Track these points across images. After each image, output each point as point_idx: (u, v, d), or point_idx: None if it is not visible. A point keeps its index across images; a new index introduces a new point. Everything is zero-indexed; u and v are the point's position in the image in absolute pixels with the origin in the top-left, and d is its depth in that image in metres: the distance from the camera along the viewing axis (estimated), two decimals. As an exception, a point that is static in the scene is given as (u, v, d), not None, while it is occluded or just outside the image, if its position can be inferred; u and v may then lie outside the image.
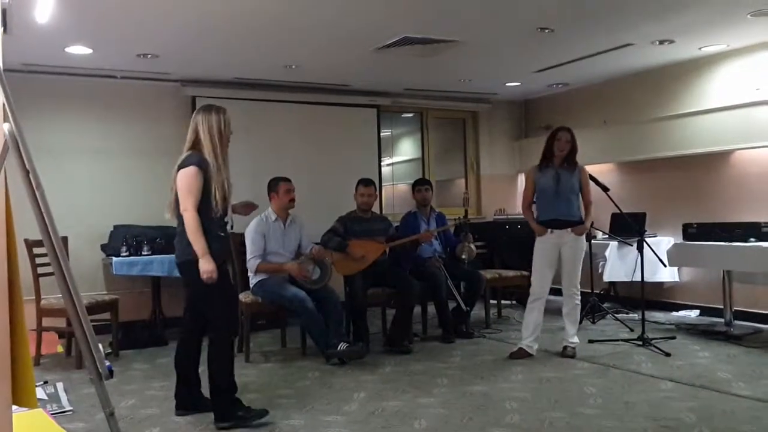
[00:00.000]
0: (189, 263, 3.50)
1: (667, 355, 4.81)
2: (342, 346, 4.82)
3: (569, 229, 4.81)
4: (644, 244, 5.23)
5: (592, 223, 5.52)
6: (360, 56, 5.79)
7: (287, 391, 4.19)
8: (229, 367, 3.60)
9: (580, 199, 4.92)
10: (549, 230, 4.85)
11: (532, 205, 5.04)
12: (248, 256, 5.12)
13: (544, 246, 4.87)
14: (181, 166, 3.51)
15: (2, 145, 2.08)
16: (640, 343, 5.10)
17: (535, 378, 4.34)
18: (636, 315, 6.05)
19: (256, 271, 5.05)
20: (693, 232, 5.69)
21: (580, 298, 4.95)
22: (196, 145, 3.55)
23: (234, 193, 3.67)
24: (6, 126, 2.05)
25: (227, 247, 3.84)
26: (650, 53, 6.03)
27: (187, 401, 3.77)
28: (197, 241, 3.42)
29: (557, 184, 4.83)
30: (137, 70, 6.14)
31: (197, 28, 4.87)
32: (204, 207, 3.47)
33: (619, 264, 6.35)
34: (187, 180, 3.46)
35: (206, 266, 3.41)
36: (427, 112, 8.18)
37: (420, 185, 6.09)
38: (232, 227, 3.70)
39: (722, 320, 5.79)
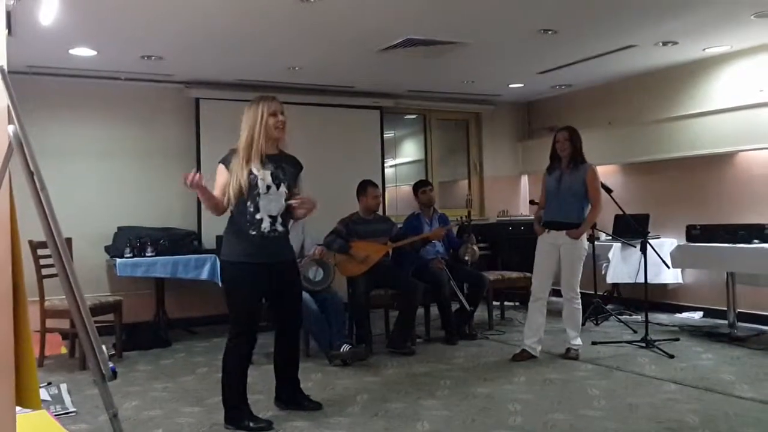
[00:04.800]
0: (222, 262, 3.60)
1: (671, 357, 4.80)
2: (345, 347, 4.82)
3: (564, 232, 4.80)
4: (647, 245, 5.22)
5: (594, 225, 5.51)
6: (363, 58, 5.80)
7: (290, 393, 4.19)
8: (237, 368, 3.57)
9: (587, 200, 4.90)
10: (546, 230, 4.85)
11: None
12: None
13: (543, 246, 4.88)
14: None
15: (7, 147, 2.09)
16: (644, 344, 5.09)
17: (539, 380, 4.34)
18: (639, 317, 6.04)
19: None
20: (696, 233, 5.68)
21: (579, 301, 4.91)
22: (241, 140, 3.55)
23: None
24: (11, 128, 2.06)
25: (264, 247, 3.52)
26: (654, 55, 6.02)
27: (284, 396, 3.82)
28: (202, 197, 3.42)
29: (558, 186, 4.83)
30: (141, 72, 6.15)
31: (201, 30, 4.88)
32: (234, 204, 3.49)
33: (622, 265, 6.34)
34: (216, 176, 3.52)
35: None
36: (430, 113, 8.19)
37: (423, 186, 6.09)
38: (272, 224, 3.53)
39: (726, 322, 5.77)
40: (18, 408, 2.22)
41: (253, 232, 3.51)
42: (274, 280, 3.58)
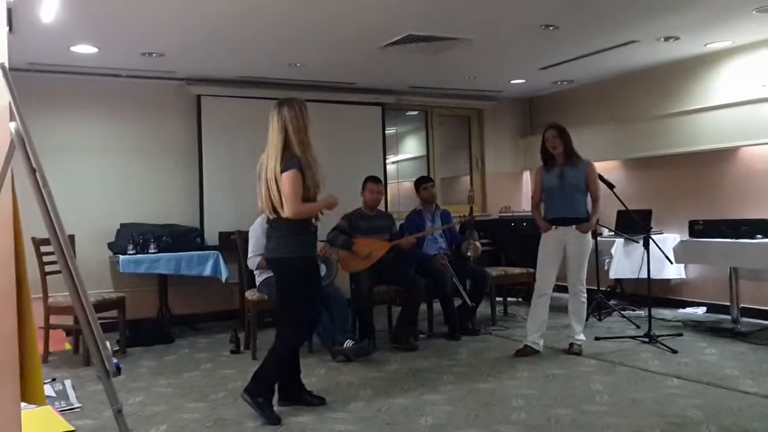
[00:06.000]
0: (278, 260, 3.68)
1: (674, 352, 4.80)
2: (348, 343, 4.83)
3: (573, 227, 4.81)
4: (650, 241, 5.22)
5: (597, 220, 5.51)
6: (365, 54, 5.79)
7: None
8: (289, 356, 3.70)
9: (588, 196, 4.90)
10: (553, 227, 4.85)
11: (541, 203, 5.03)
12: (249, 254, 5.15)
13: (548, 242, 4.87)
14: (284, 169, 3.52)
15: (9, 144, 2.09)
16: (647, 340, 5.09)
17: (542, 375, 4.34)
18: (642, 312, 6.04)
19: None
20: (699, 228, 5.68)
21: (585, 295, 4.93)
22: (287, 143, 3.59)
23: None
24: (12, 125, 2.06)
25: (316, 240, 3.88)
26: (655, 50, 6.01)
27: (288, 392, 3.84)
28: (316, 208, 3.65)
29: (562, 182, 4.83)
30: (142, 69, 6.15)
31: (202, 26, 4.88)
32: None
33: (625, 261, 6.33)
34: (292, 183, 3.50)
35: (332, 201, 3.78)
36: (432, 109, 8.18)
37: (425, 182, 6.08)
38: (319, 219, 3.76)
39: (729, 317, 5.78)
40: (23, 404, 2.23)
41: (313, 228, 3.71)
42: None
